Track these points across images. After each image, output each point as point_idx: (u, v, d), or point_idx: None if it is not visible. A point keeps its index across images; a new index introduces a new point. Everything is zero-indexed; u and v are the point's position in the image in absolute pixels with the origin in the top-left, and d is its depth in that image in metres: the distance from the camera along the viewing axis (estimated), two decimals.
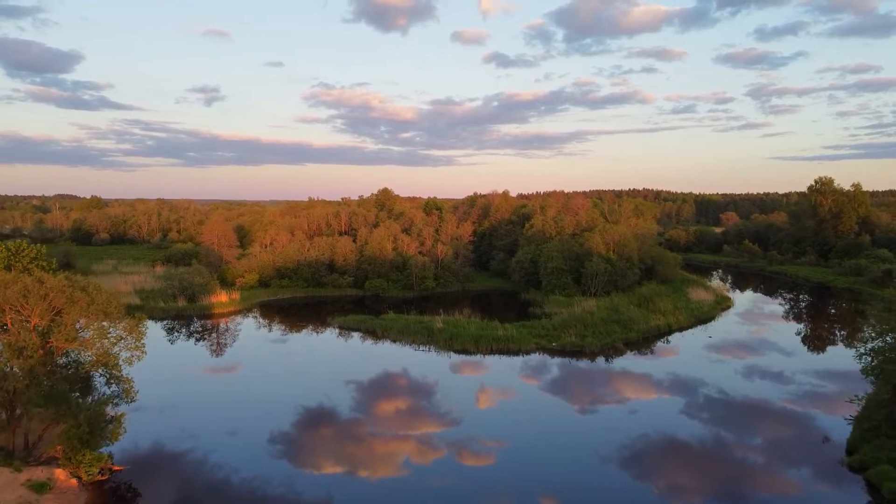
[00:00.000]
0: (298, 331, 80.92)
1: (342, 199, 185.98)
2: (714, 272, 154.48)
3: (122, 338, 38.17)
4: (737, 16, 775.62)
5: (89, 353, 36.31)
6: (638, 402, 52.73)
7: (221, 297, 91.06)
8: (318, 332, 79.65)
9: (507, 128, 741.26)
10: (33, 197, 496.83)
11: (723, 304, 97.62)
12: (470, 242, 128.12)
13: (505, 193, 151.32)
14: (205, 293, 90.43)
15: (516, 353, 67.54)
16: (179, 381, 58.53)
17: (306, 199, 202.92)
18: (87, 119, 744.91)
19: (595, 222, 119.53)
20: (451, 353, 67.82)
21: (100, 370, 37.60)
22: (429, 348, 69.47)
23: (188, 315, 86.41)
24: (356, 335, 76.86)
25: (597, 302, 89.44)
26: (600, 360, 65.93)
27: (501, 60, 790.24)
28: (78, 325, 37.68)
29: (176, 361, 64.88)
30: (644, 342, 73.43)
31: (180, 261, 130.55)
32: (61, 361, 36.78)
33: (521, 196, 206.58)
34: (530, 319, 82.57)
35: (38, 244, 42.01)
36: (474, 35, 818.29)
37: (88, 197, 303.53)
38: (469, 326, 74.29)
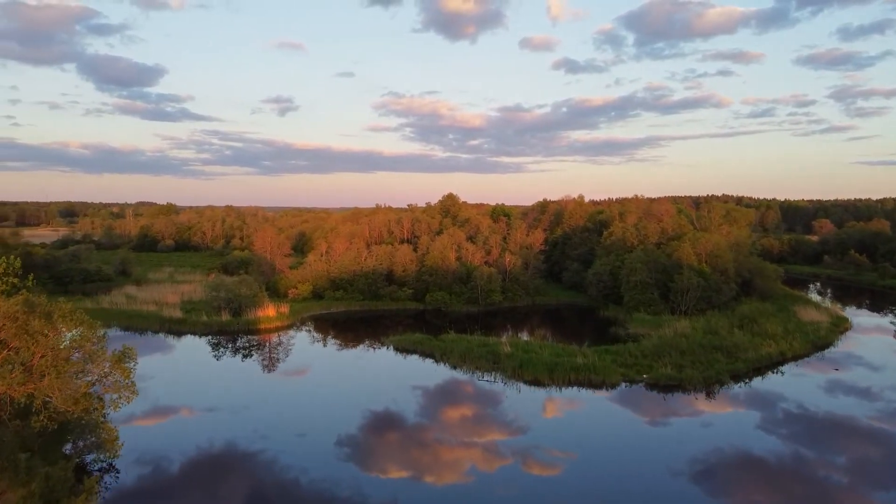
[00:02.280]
0: (348, 348, 72.25)
1: (408, 205, 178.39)
2: (810, 285, 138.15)
3: (104, 376, 29.73)
4: (818, 15, 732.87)
5: (50, 397, 27.98)
6: (712, 415, 49.83)
7: (269, 311, 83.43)
8: (369, 352, 70.70)
9: (576, 134, 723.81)
10: (115, 204, 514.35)
11: (840, 325, 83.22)
12: (541, 252, 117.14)
13: (579, 198, 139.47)
14: (251, 306, 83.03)
15: (598, 385, 56.51)
16: (248, 383, 58.54)
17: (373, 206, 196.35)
18: (170, 130, 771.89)
19: (683, 230, 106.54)
20: (521, 383, 57.44)
21: (74, 417, 29.23)
22: (494, 377, 59.22)
23: (230, 331, 79.04)
24: (413, 358, 67.51)
25: (690, 322, 77.10)
26: (701, 397, 54.24)
27: (571, 66, 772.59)
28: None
29: (229, 371, 62.31)
30: (754, 374, 61.07)
31: (236, 269, 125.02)
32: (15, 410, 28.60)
33: (593, 203, 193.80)
34: (612, 342, 71.34)
35: (11, 256, 35.81)
36: (543, 41, 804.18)
37: (166, 205, 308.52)
38: (542, 352, 63.66)
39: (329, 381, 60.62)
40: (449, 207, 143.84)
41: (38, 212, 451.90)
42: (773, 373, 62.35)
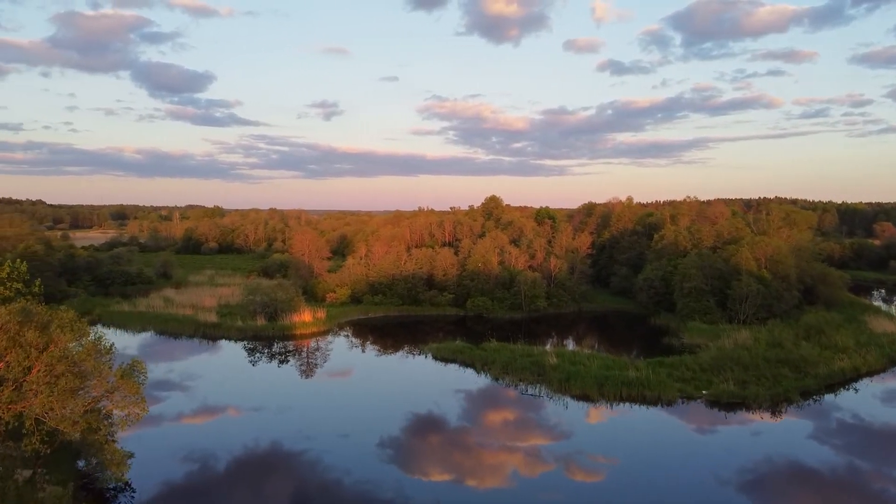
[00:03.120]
0: (386, 354, 69.16)
1: (450, 208, 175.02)
2: (874, 292, 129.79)
3: (109, 392, 26.98)
4: (874, 12, 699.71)
5: (44, 417, 25.24)
6: (762, 423, 47.88)
7: (304, 316, 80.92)
8: (407, 361, 67.44)
9: (621, 136, 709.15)
10: (165, 207, 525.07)
11: None
12: (587, 256, 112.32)
13: (628, 200, 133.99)
14: (287, 310, 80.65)
15: (653, 402, 51.94)
16: (288, 385, 58.63)
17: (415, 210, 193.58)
18: (218, 135, 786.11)
19: (740, 233, 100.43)
20: (568, 398, 53.27)
21: (73, 438, 26.51)
22: (539, 390, 55.17)
23: (265, 336, 76.75)
24: (452, 367, 63.97)
25: (751, 333, 71.58)
26: (767, 416, 49.30)
27: (616, 68, 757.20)
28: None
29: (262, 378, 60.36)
30: (825, 391, 55.62)
31: (276, 272, 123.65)
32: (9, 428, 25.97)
33: (640, 205, 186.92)
34: (666, 354, 66.48)
35: (19, 260, 34.06)
36: (588, 43, 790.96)
37: (213, 207, 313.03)
38: (590, 363, 59.30)
39: (369, 384, 60.20)
40: (492, 209, 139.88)
41: (90, 215, 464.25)
42: (845, 389, 56.82)
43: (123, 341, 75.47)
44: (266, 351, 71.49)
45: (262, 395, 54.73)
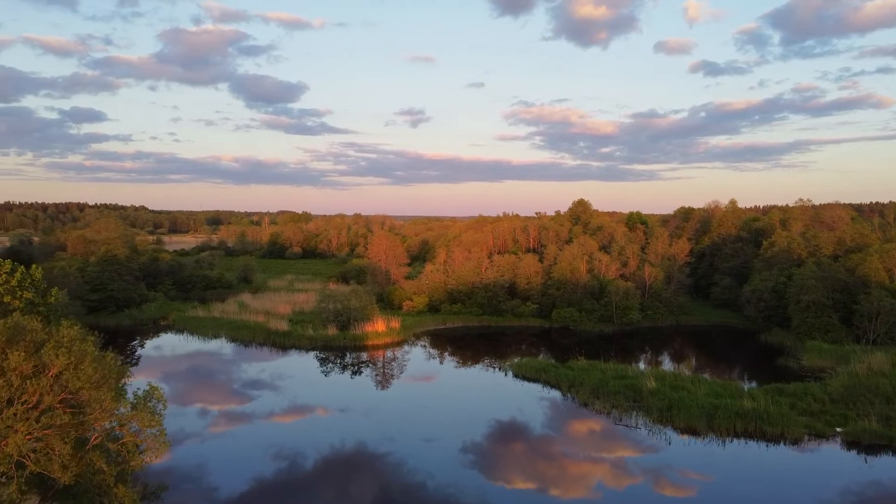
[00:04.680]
0: (463, 367, 63.44)
1: (536, 213, 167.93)
2: None
3: (120, 424, 22.47)
4: None
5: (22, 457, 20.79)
6: (872, 444, 42.63)
7: (378, 326, 76.34)
8: (484, 376, 61.44)
9: (715, 139, 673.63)
10: (257, 213, 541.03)
11: None
12: (685, 264, 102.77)
13: (732, 204, 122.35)
14: (360, 319, 76.35)
15: (775, 439, 43.67)
16: (367, 389, 57.85)
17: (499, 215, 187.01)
18: (310, 143, 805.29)
19: (866, 240, 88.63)
20: (670, 429, 45.76)
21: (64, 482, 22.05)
22: (635, 421, 47.79)
23: (336, 346, 72.67)
24: (535, 387, 57.49)
25: (887, 356, 61.20)
26: None
27: (710, 69, 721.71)
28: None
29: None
30: None
31: (354, 277, 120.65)
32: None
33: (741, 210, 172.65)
34: (783, 378, 57.49)
35: (34, 265, 31.04)
36: (680, 44, 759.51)
37: (301, 213, 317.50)
38: (696, 389, 51.37)
39: (451, 390, 59.08)
40: (580, 214, 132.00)
41: (188, 220, 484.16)
42: None
43: (193, 347, 73.61)
44: (339, 361, 67.51)
45: (345, 398, 54.69)
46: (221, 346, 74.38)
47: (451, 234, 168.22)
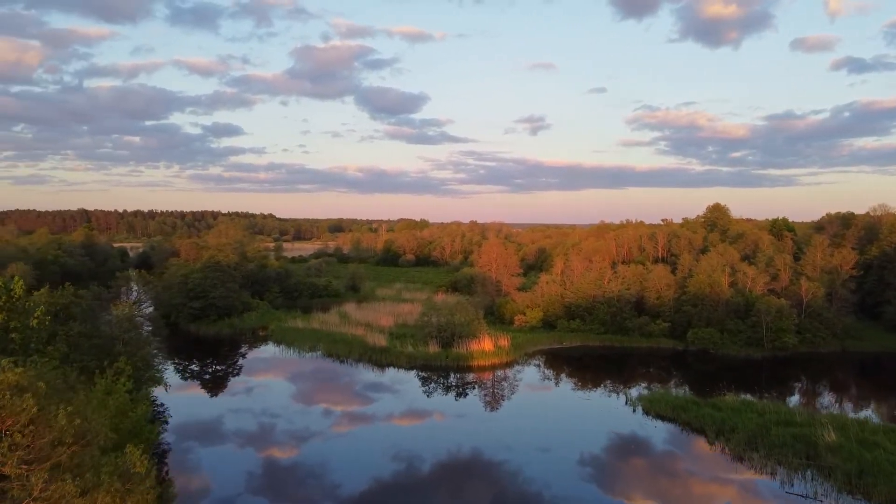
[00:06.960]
0: (581, 389, 53.79)
1: (662, 220, 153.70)
2: None
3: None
4: None
5: None
6: None
7: (485, 344, 68.06)
8: (606, 406, 51.44)
9: (861, 141, 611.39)
10: (377, 221, 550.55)
11: None
12: (850, 278, 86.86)
13: None
14: (465, 336, 68.47)
15: None
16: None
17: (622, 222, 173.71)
18: (431, 152, 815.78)
19: None
20: (863, 503, 34.10)
21: None
22: (811, 487, 36.31)
23: (436, 366, 65.06)
24: (669, 427, 46.98)
25: None
26: None
27: (855, 65, 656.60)
28: None
29: None
30: None
31: (464, 288, 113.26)
32: None
33: None
34: None
35: (17, 274, 26.39)
36: (820, 40, 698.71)
37: (419, 220, 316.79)
38: (891, 443, 39.04)
39: (568, 402, 55.85)
40: (716, 220, 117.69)
41: (312, 228, 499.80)
42: None
43: (279, 361, 68.81)
44: (442, 381, 60.10)
45: (459, 405, 53.58)
46: (312, 361, 68.86)
47: (569, 241, 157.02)
